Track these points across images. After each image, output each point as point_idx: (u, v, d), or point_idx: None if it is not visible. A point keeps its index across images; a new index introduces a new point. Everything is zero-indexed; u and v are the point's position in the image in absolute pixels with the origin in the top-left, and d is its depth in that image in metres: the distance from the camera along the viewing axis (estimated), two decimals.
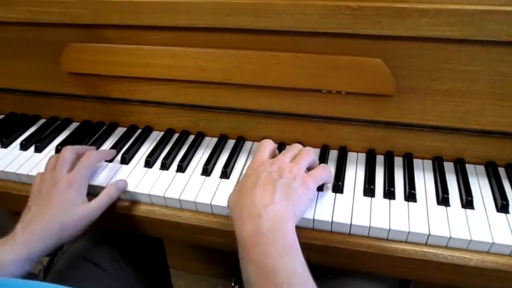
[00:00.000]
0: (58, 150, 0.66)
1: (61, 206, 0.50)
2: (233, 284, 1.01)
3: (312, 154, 0.53)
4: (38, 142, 0.67)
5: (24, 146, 0.67)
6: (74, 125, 0.73)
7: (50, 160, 0.56)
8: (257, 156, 0.52)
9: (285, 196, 0.45)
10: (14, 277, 0.45)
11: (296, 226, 0.52)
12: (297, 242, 0.43)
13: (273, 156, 0.53)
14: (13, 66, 0.70)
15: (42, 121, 0.75)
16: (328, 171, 0.53)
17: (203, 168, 0.60)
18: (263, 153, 0.52)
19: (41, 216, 0.49)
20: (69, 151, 0.56)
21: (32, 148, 0.67)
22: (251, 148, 0.65)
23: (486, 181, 0.56)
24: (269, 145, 0.53)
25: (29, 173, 0.62)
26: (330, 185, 0.56)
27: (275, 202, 0.44)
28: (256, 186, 0.46)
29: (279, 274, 0.39)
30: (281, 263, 0.40)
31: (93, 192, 0.57)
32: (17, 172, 0.62)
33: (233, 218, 0.46)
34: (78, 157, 0.58)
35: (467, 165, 0.58)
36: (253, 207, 0.44)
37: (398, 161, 0.60)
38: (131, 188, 0.58)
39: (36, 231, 0.48)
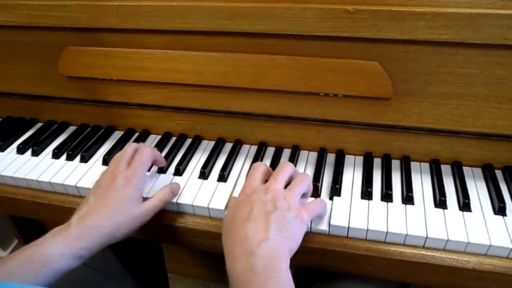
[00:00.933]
0: (55, 153, 0.66)
1: (117, 204, 0.49)
2: None
3: (308, 180, 0.50)
4: (35, 145, 0.67)
5: (21, 150, 0.67)
6: (71, 129, 0.73)
7: (116, 155, 0.55)
8: (250, 180, 0.49)
9: (280, 230, 0.43)
10: (60, 271, 0.44)
11: None
12: (292, 281, 0.40)
13: (267, 177, 0.51)
14: (11, 69, 0.70)
15: (39, 124, 0.75)
16: (324, 205, 0.51)
17: (201, 171, 0.60)
18: (256, 176, 0.49)
19: (96, 211, 0.48)
20: (131, 147, 0.56)
21: (29, 151, 0.67)
22: (248, 152, 0.65)
23: (483, 183, 0.56)
24: (262, 168, 0.51)
25: (26, 177, 0.61)
26: (327, 189, 0.56)
27: (270, 238, 0.42)
28: (250, 219, 0.43)
29: None
30: None
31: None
32: (14, 176, 0.62)
33: (224, 250, 0.44)
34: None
35: (464, 168, 0.58)
36: (246, 242, 0.42)
37: (395, 164, 0.60)
38: None
39: (90, 228, 0.47)
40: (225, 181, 0.59)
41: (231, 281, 0.41)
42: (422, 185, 0.56)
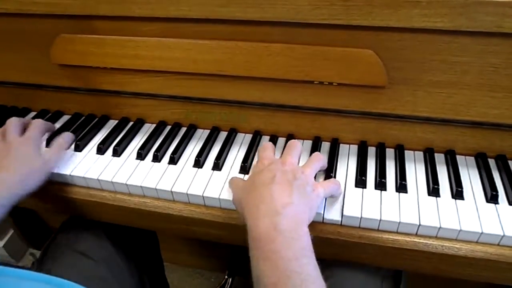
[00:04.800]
0: (48, 143, 0.65)
1: (21, 160, 0.55)
2: (226, 277, 1.01)
3: (324, 159, 0.54)
4: None
5: None
6: (65, 118, 0.73)
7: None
8: (263, 153, 0.53)
9: (302, 197, 0.45)
10: None
11: None
12: (311, 245, 0.42)
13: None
14: (2, 58, 0.69)
15: (33, 114, 0.75)
16: (338, 186, 0.52)
17: (195, 160, 0.60)
18: (268, 152, 0.54)
19: (5, 168, 0.53)
20: (15, 118, 0.61)
21: None
22: (243, 140, 0.65)
23: (476, 172, 0.57)
24: (272, 146, 0.56)
25: None
26: (322, 178, 0.56)
27: (293, 203, 0.43)
28: (274, 182, 0.45)
29: (293, 276, 0.38)
30: (296, 265, 0.39)
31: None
32: None
33: (244, 212, 0.45)
34: (24, 127, 0.61)
35: (457, 157, 0.58)
36: (272, 203, 0.43)
37: (389, 153, 0.60)
38: (123, 180, 0.58)
39: (2, 180, 0.52)
40: (219, 169, 0.59)
41: (252, 239, 0.42)
42: (415, 173, 0.57)
